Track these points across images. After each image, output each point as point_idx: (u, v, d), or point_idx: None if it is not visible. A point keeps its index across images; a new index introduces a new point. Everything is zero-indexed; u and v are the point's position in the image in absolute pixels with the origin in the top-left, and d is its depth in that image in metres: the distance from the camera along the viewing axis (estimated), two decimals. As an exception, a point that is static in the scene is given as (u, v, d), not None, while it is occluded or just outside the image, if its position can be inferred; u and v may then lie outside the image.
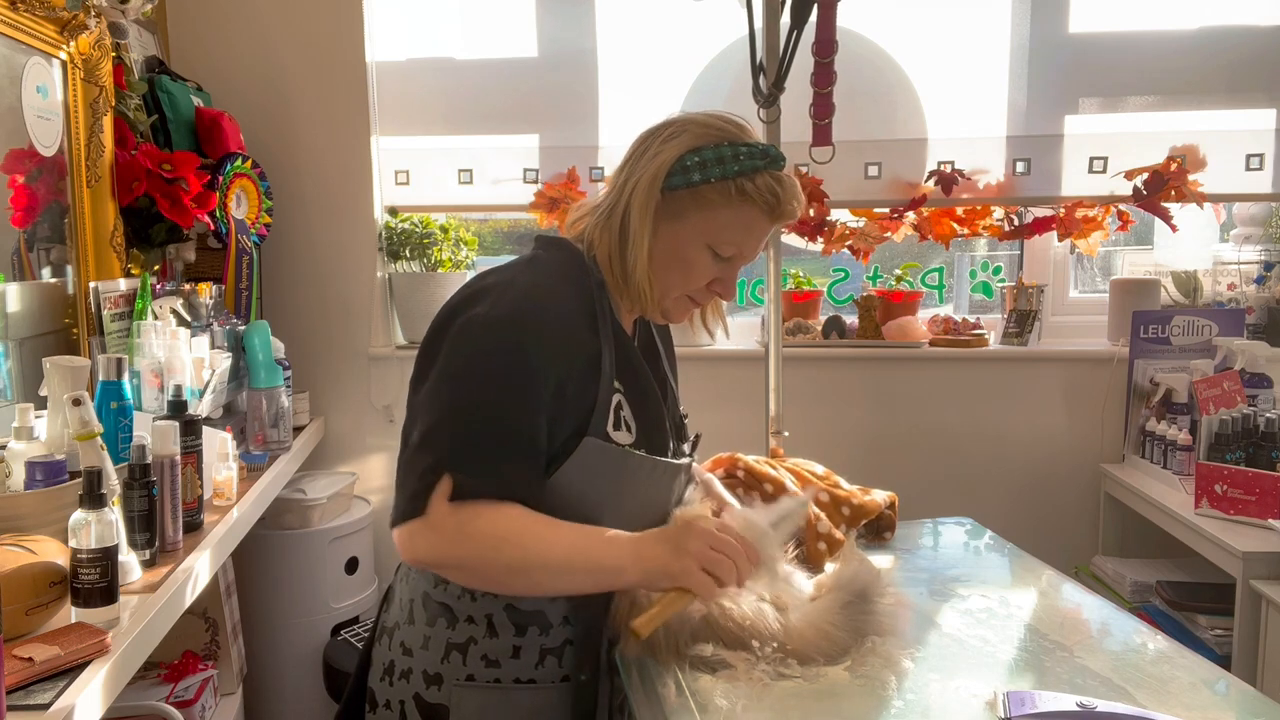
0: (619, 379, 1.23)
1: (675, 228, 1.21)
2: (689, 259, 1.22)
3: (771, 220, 1.22)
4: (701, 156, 1.19)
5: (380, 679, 1.27)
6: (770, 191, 1.19)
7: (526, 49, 2.60)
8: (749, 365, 2.52)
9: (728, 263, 1.24)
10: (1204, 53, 2.48)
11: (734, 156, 1.18)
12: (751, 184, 1.18)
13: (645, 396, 1.27)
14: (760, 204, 1.19)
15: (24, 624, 1.09)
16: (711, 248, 1.21)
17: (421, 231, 2.60)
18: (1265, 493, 1.92)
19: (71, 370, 1.36)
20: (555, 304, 1.18)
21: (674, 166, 1.19)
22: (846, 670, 1.09)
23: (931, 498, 2.45)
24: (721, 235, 1.21)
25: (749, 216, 1.20)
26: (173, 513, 1.43)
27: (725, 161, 1.18)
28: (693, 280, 1.24)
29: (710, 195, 1.19)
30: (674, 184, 1.19)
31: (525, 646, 1.21)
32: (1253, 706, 1.04)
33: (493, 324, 1.14)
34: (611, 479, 1.20)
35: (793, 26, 1.82)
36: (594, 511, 1.18)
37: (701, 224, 1.20)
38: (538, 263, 1.26)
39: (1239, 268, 2.61)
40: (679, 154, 1.19)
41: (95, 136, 1.83)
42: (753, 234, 1.22)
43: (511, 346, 1.13)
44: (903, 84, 2.57)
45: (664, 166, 1.19)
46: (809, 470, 1.57)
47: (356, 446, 2.65)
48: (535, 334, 1.14)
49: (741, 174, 1.18)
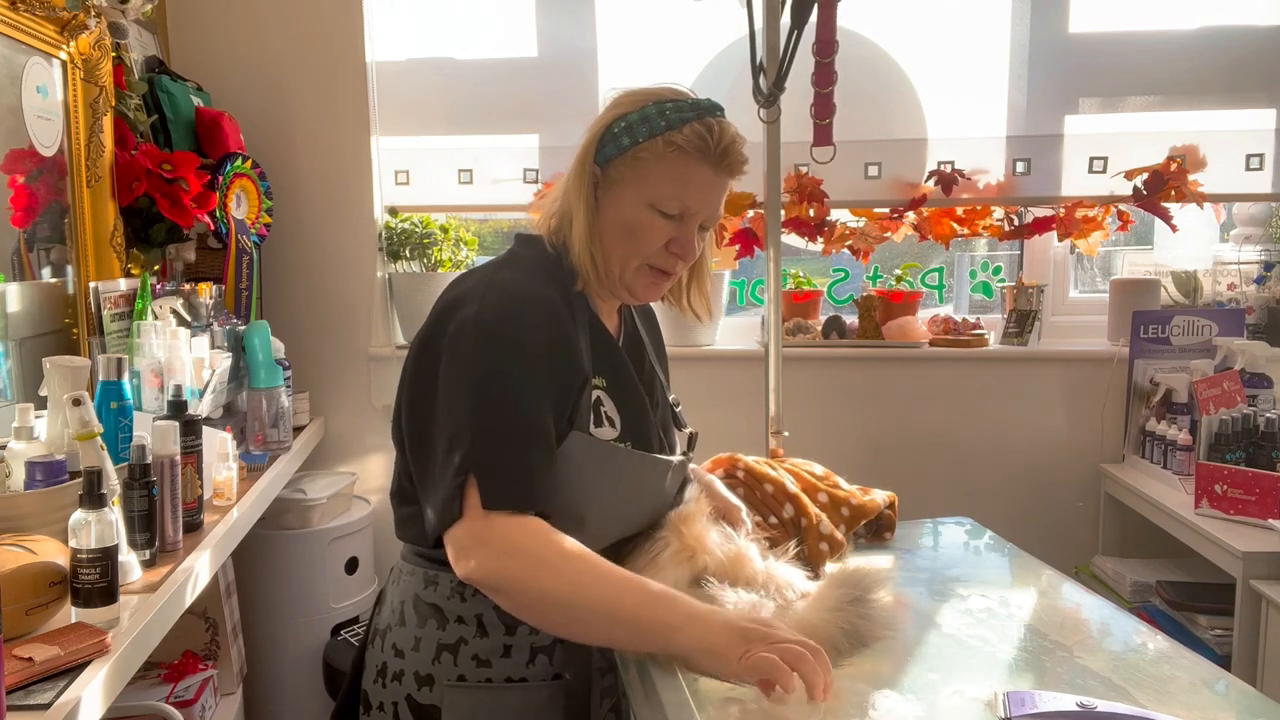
0: (598, 375, 1.23)
1: (617, 196, 1.21)
2: (636, 223, 1.21)
3: (710, 166, 1.20)
4: (628, 120, 1.20)
5: (373, 681, 1.27)
6: (699, 137, 1.18)
7: (526, 49, 2.60)
8: (749, 365, 2.51)
9: (679, 221, 1.21)
10: (1204, 53, 2.48)
11: (660, 114, 1.19)
12: (679, 134, 1.18)
13: (626, 392, 1.26)
14: (692, 151, 1.18)
15: (24, 624, 1.09)
16: (654, 206, 1.20)
17: (421, 231, 2.60)
18: (1265, 493, 1.92)
19: (71, 370, 1.36)
20: (536, 297, 1.18)
21: (604, 137, 1.21)
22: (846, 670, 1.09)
23: (931, 498, 2.45)
24: (660, 192, 1.19)
25: (683, 167, 1.19)
26: (173, 513, 1.43)
27: (650, 120, 1.19)
28: (645, 245, 1.21)
29: (643, 155, 1.19)
30: (607, 154, 1.20)
31: (516, 645, 1.21)
32: (1253, 706, 1.04)
33: (484, 324, 1.14)
34: (597, 475, 1.20)
35: (793, 26, 1.82)
36: (581, 507, 1.17)
37: (639, 186, 1.20)
38: (515, 260, 1.26)
39: (1239, 268, 2.61)
40: (607, 125, 1.21)
41: (95, 136, 1.83)
42: (692, 185, 1.20)
43: (508, 343, 1.13)
44: (903, 84, 2.56)
45: (593, 140, 1.22)
46: (808, 470, 1.57)
47: (356, 446, 2.65)
48: (528, 328, 1.15)
49: (669, 127, 1.18)
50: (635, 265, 1.23)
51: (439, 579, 1.23)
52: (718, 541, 1.24)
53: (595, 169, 1.22)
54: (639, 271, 1.24)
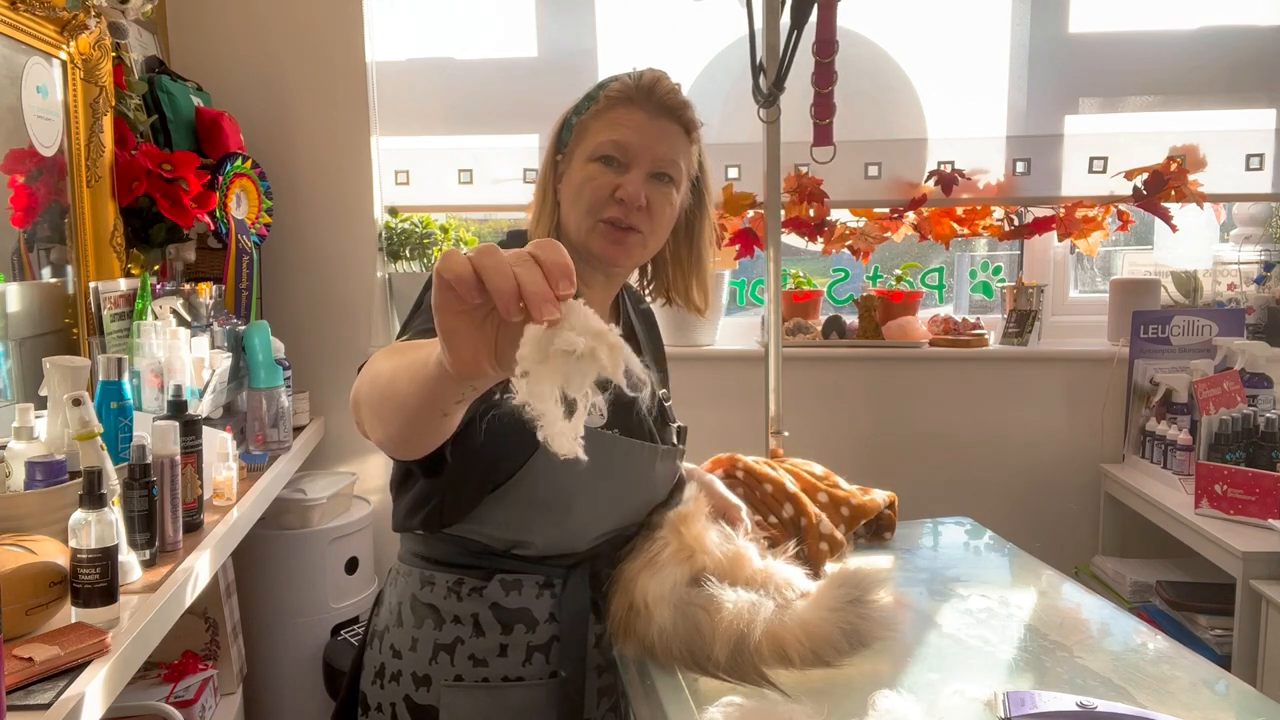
0: None
1: (567, 168, 1.27)
2: (581, 179, 1.23)
3: (640, 107, 1.23)
4: (575, 104, 1.29)
5: (371, 682, 1.27)
6: (623, 85, 1.24)
7: (526, 49, 2.60)
8: (749, 365, 2.51)
9: (622, 169, 1.22)
10: (1204, 53, 2.48)
11: (596, 86, 1.28)
12: (607, 91, 1.25)
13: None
14: (619, 98, 1.24)
15: (24, 624, 1.09)
16: (593, 157, 1.23)
17: (421, 231, 2.60)
18: (1265, 493, 1.92)
19: (71, 370, 1.36)
20: None
21: (560, 128, 1.30)
22: (846, 670, 1.09)
23: (931, 498, 2.45)
24: (595, 141, 1.23)
25: (613, 114, 1.24)
26: (173, 513, 1.43)
27: (590, 94, 1.28)
28: (592, 197, 1.21)
29: (584, 122, 1.26)
30: (564, 139, 1.28)
31: (512, 644, 1.22)
32: (1253, 706, 1.04)
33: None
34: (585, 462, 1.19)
35: (793, 26, 1.82)
36: (569, 495, 1.17)
37: (582, 148, 1.25)
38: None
39: (1239, 268, 2.61)
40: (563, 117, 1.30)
41: (95, 136, 1.83)
42: (623, 125, 1.22)
43: None
44: (903, 84, 2.56)
45: (553, 133, 1.30)
46: (808, 470, 1.57)
47: (356, 446, 2.65)
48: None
49: (601, 89, 1.26)
50: (589, 225, 1.22)
51: (435, 579, 1.24)
52: (717, 541, 1.24)
53: (558, 159, 1.28)
54: (594, 231, 1.22)
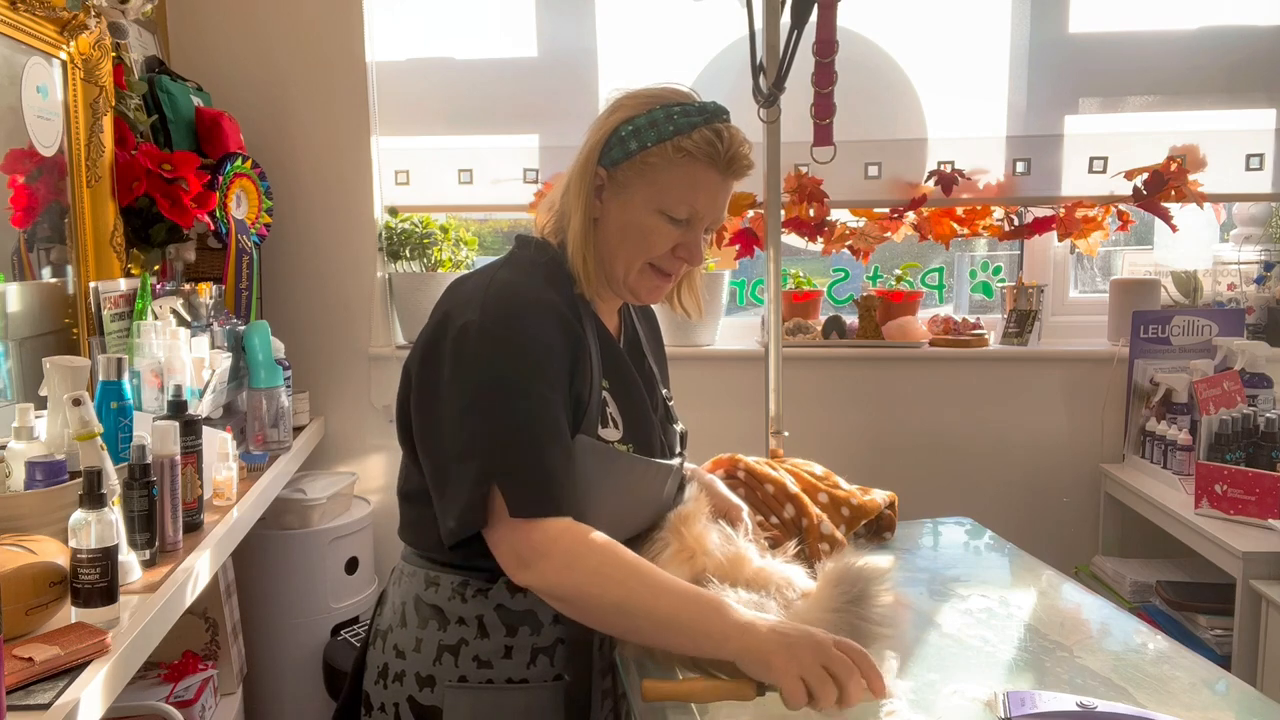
0: (605, 376, 1.23)
1: (625, 200, 1.21)
2: (644, 228, 1.21)
3: (719, 172, 1.20)
4: (635, 125, 1.20)
5: (375, 682, 1.27)
6: (708, 143, 1.18)
7: (526, 49, 2.60)
8: (749, 365, 2.51)
9: (687, 225, 1.22)
10: (1204, 53, 2.48)
11: (667, 118, 1.19)
12: (689, 140, 1.18)
13: (630, 393, 1.26)
14: (701, 158, 1.19)
15: (24, 624, 1.09)
16: (663, 212, 1.20)
17: (421, 231, 2.60)
18: (1265, 493, 1.92)
19: (71, 370, 1.36)
20: (538, 299, 1.18)
21: (610, 140, 1.21)
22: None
23: (931, 498, 2.45)
24: (669, 197, 1.20)
25: (693, 173, 1.19)
26: (173, 513, 1.43)
27: (659, 124, 1.19)
28: (652, 248, 1.22)
29: (651, 160, 1.19)
30: (614, 158, 1.20)
31: (517, 646, 1.21)
32: (1253, 706, 1.04)
33: (486, 329, 1.13)
34: (601, 477, 1.20)
35: (793, 26, 1.82)
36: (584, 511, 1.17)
37: (648, 191, 1.20)
38: (513, 262, 1.25)
39: (1239, 268, 2.61)
40: (613, 128, 1.21)
41: (95, 136, 1.83)
42: (701, 190, 1.20)
43: (511, 346, 1.13)
44: (903, 84, 2.56)
45: (598, 143, 1.21)
46: (808, 470, 1.57)
47: (356, 446, 2.65)
48: (529, 330, 1.14)
49: (678, 133, 1.18)
50: (639, 267, 1.23)
51: (440, 580, 1.23)
52: (717, 542, 1.24)
53: (600, 172, 1.22)
54: (642, 273, 1.24)
